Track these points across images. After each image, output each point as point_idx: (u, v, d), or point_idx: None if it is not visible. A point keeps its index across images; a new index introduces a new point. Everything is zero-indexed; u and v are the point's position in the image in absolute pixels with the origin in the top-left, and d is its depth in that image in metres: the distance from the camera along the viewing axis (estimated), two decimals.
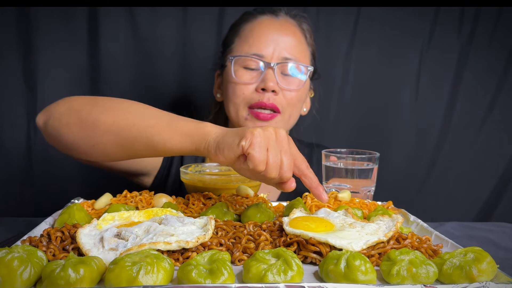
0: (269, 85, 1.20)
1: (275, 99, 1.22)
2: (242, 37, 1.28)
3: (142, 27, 1.62)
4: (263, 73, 1.22)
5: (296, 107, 1.28)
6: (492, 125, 1.79)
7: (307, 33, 1.32)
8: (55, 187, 1.62)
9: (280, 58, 1.24)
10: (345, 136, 1.78)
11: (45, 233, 0.73)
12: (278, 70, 1.23)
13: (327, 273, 0.62)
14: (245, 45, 1.26)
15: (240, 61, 1.25)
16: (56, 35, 1.57)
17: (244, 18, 1.31)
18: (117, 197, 0.93)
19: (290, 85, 1.25)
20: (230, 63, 1.25)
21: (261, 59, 1.23)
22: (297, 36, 1.28)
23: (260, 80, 1.22)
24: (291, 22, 1.30)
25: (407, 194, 1.79)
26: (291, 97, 1.25)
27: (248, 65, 1.24)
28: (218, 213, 0.86)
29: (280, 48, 1.24)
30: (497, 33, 1.75)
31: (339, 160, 1.06)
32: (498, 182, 1.81)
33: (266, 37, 1.25)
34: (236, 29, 1.31)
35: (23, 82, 1.58)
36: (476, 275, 0.60)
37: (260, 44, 1.24)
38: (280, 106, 1.23)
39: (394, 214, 0.84)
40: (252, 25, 1.28)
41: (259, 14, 1.29)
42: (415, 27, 1.74)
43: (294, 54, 1.25)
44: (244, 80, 1.24)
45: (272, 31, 1.25)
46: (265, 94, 1.22)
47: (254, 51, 1.24)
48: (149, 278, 0.56)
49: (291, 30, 1.28)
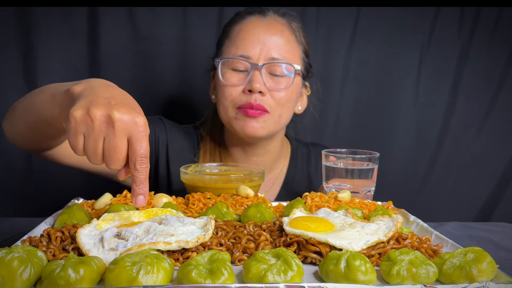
0: (255, 86, 1.20)
1: (262, 99, 1.22)
2: (231, 38, 1.28)
3: (142, 27, 1.62)
4: (249, 75, 1.22)
5: (285, 106, 1.27)
6: (492, 125, 1.79)
7: (296, 32, 1.30)
8: (55, 187, 1.62)
9: (267, 59, 1.23)
10: (345, 136, 1.78)
11: (45, 233, 0.73)
12: (265, 71, 1.22)
13: (327, 273, 0.62)
14: (232, 47, 1.26)
15: (228, 63, 1.25)
16: (56, 35, 1.57)
17: (234, 19, 1.31)
18: (117, 197, 0.93)
19: (278, 85, 1.24)
20: (218, 66, 1.25)
21: (247, 60, 1.22)
22: (285, 35, 1.27)
23: (247, 81, 1.22)
24: (280, 21, 1.29)
25: (407, 194, 1.79)
26: (280, 97, 1.24)
27: (235, 67, 1.24)
28: (218, 213, 0.86)
29: (267, 48, 1.23)
30: (497, 33, 1.75)
31: (339, 160, 1.06)
32: (498, 182, 1.81)
33: (253, 37, 1.24)
34: (226, 30, 1.32)
35: (23, 82, 1.58)
36: (476, 275, 0.60)
37: (246, 45, 1.23)
38: (268, 106, 1.23)
39: (394, 214, 0.84)
40: (240, 26, 1.27)
41: (247, 14, 1.29)
42: (415, 27, 1.74)
43: (282, 54, 1.24)
44: (232, 82, 1.23)
45: (259, 31, 1.24)
46: (252, 96, 1.21)
47: (241, 53, 1.23)
48: (149, 278, 0.56)
49: (278, 29, 1.27)
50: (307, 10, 1.69)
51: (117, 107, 0.69)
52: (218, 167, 1.18)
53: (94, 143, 0.69)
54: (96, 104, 0.69)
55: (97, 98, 0.70)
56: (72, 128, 0.69)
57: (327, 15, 1.71)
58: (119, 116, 0.68)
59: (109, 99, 0.71)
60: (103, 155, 0.70)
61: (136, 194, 0.71)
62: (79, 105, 0.69)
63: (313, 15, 1.69)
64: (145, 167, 0.70)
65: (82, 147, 0.70)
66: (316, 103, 1.44)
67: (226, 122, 1.29)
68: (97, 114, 0.68)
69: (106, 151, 0.70)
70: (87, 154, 0.71)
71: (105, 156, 0.70)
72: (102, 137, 0.69)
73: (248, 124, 1.23)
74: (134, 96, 0.78)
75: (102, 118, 0.68)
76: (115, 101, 0.70)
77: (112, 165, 0.70)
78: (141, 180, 0.70)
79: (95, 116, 0.68)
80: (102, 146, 0.69)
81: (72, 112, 0.69)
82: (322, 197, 0.96)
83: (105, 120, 0.68)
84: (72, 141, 0.70)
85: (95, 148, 0.69)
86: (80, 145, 0.70)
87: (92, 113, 0.68)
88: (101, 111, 0.68)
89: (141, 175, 0.70)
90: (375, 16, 1.72)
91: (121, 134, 0.69)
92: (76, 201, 1.00)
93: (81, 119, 0.68)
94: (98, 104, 0.69)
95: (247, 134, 1.24)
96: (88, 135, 0.69)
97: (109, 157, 0.70)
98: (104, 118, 0.68)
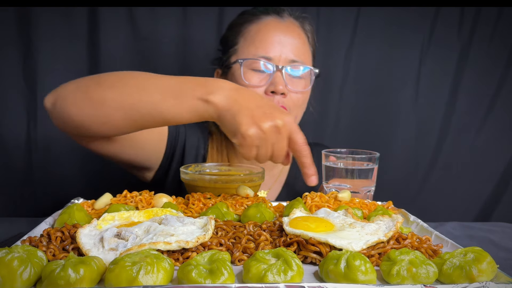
0: (279, 88, 1.21)
1: (283, 101, 1.23)
2: (247, 38, 1.27)
3: (142, 27, 1.62)
4: (271, 76, 1.22)
5: (301, 108, 1.30)
6: (492, 125, 1.79)
7: (309, 34, 1.32)
8: (55, 187, 1.62)
9: (287, 61, 1.24)
10: (345, 136, 1.78)
11: (45, 233, 0.73)
12: (285, 73, 1.23)
13: (327, 273, 0.62)
14: (251, 47, 1.25)
15: (248, 63, 1.24)
16: (56, 35, 1.57)
17: (247, 19, 1.30)
18: (117, 197, 0.93)
19: (297, 87, 1.25)
20: (239, 65, 1.24)
21: (270, 62, 1.23)
22: (301, 37, 1.29)
23: (269, 83, 1.23)
24: (295, 23, 1.30)
25: (407, 194, 1.79)
26: (298, 98, 1.26)
27: (256, 67, 1.24)
28: (218, 213, 0.86)
29: (286, 50, 1.24)
30: (497, 33, 1.75)
31: (339, 160, 1.06)
32: (498, 182, 1.81)
33: (273, 38, 1.24)
34: (239, 29, 1.30)
35: (23, 82, 1.58)
36: (476, 275, 0.60)
37: (267, 46, 1.24)
38: (288, 108, 1.25)
39: (394, 214, 0.84)
40: (257, 26, 1.27)
41: (263, 14, 1.29)
42: (415, 27, 1.74)
43: (300, 56, 1.26)
44: (253, 82, 1.23)
45: (278, 33, 1.25)
46: (274, 97, 1.22)
47: (262, 54, 1.23)
48: (149, 278, 0.56)
49: (296, 31, 1.28)
50: (307, 10, 1.68)
51: (274, 115, 0.80)
52: (218, 167, 1.18)
53: (266, 150, 0.81)
54: (259, 118, 0.79)
55: (253, 111, 0.80)
56: (249, 144, 0.80)
57: (327, 15, 1.71)
58: (282, 122, 0.80)
59: (262, 108, 0.81)
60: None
61: (309, 176, 0.83)
62: (246, 123, 0.79)
63: (313, 15, 1.69)
64: (308, 152, 0.82)
65: (255, 155, 0.82)
66: (315, 104, 1.44)
67: None
68: (266, 127, 0.79)
69: (275, 151, 0.82)
70: (258, 159, 0.83)
71: (274, 155, 0.83)
72: (271, 143, 0.81)
73: None
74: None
75: (272, 129, 0.79)
76: (266, 109, 0.81)
77: (279, 160, 0.84)
78: (309, 164, 0.82)
79: (266, 130, 0.79)
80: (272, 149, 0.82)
81: (247, 132, 0.79)
82: (322, 197, 0.96)
83: (274, 130, 0.80)
84: (247, 153, 0.81)
85: (268, 153, 0.82)
86: (254, 154, 0.82)
87: (264, 128, 0.79)
88: (268, 124, 0.79)
89: (307, 159, 0.82)
90: (375, 16, 1.72)
91: (285, 136, 0.81)
92: (76, 201, 1.00)
93: (256, 136, 0.79)
94: (260, 117, 0.79)
95: None
96: (262, 146, 0.80)
97: (277, 156, 0.83)
98: (273, 129, 0.79)
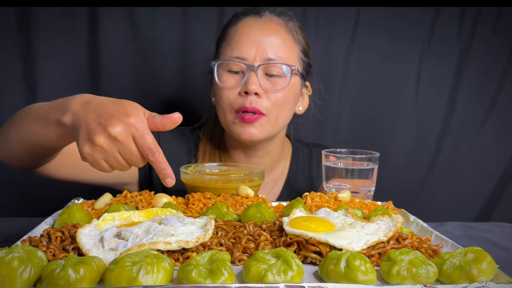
0: (251, 88, 1.18)
1: (257, 102, 1.20)
2: (227, 40, 1.27)
3: (142, 27, 1.62)
4: (245, 76, 1.21)
5: (282, 108, 1.25)
6: (492, 125, 1.79)
7: (293, 31, 1.28)
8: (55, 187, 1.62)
9: (263, 59, 1.21)
10: (345, 136, 1.78)
11: (45, 233, 0.73)
12: (261, 72, 1.21)
13: (327, 273, 0.62)
14: (228, 49, 1.24)
15: (224, 65, 1.24)
16: (56, 35, 1.57)
17: (230, 21, 1.30)
18: (117, 197, 0.93)
19: (274, 86, 1.22)
20: (214, 68, 1.24)
21: (243, 62, 1.21)
22: (281, 34, 1.25)
23: (243, 83, 1.21)
24: (276, 20, 1.27)
25: (407, 194, 1.79)
26: (276, 98, 1.22)
27: (231, 68, 1.23)
28: (218, 213, 0.86)
29: (262, 49, 1.21)
30: (497, 33, 1.75)
31: (339, 160, 1.06)
32: (498, 182, 1.81)
33: (248, 38, 1.22)
34: (222, 33, 1.31)
35: (23, 82, 1.58)
36: (476, 275, 0.60)
37: (241, 46, 1.22)
38: (263, 109, 1.21)
39: (394, 214, 0.84)
40: (235, 27, 1.26)
41: (243, 15, 1.28)
42: (415, 27, 1.74)
43: (278, 54, 1.23)
44: (228, 84, 1.22)
45: (254, 32, 1.23)
46: (248, 98, 1.20)
47: (237, 54, 1.22)
48: (149, 278, 0.56)
49: (274, 29, 1.25)
50: (307, 10, 1.68)
51: (109, 124, 0.76)
52: (218, 167, 1.18)
53: (114, 160, 0.78)
54: (93, 132, 0.76)
55: (89, 125, 0.77)
56: (92, 162, 0.79)
57: (327, 15, 1.70)
58: (115, 130, 0.76)
59: (98, 120, 0.77)
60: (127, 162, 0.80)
61: (163, 179, 0.79)
62: (82, 141, 0.78)
63: (313, 15, 1.69)
64: (157, 155, 0.78)
65: (108, 167, 0.80)
66: (318, 103, 1.43)
67: (225, 125, 1.28)
68: (100, 140, 0.76)
69: (126, 159, 0.79)
70: (115, 170, 0.81)
71: (128, 162, 0.79)
72: (117, 152, 0.78)
73: (245, 130, 1.22)
74: (134, 96, 0.79)
75: (106, 140, 0.76)
76: (103, 119, 0.77)
77: (138, 165, 0.80)
78: (161, 167, 0.78)
79: (101, 143, 0.76)
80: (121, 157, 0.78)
81: (82, 151, 0.77)
82: (322, 197, 0.96)
83: (109, 140, 0.76)
84: (97, 168, 0.80)
85: (118, 162, 0.79)
86: (106, 167, 0.80)
87: (97, 142, 0.76)
88: (101, 137, 0.76)
89: (158, 163, 0.78)
90: (375, 16, 1.72)
91: (128, 141, 0.77)
92: (76, 201, 1.00)
93: (92, 152, 0.77)
94: (94, 131, 0.76)
95: (244, 139, 1.23)
96: (107, 158, 0.78)
97: (131, 161, 0.79)
98: (108, 140, 0.76)
